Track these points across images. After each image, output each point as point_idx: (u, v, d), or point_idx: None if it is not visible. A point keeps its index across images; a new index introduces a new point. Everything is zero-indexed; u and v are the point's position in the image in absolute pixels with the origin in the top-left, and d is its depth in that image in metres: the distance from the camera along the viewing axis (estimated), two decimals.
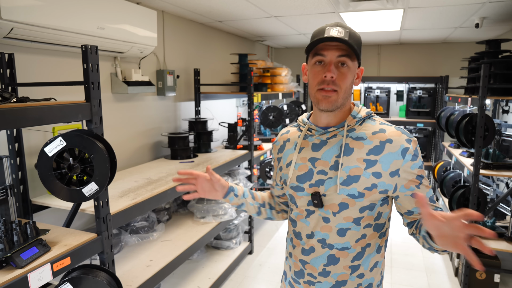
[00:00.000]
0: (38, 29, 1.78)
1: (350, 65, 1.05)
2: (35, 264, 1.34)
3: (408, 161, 1.05)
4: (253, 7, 2.91)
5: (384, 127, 1.09)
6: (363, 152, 1.07)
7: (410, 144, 1.05)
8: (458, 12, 3.07)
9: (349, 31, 1.04)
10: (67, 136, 1.45)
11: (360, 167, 1.06)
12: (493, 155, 2.95)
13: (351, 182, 1.07)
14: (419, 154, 1.08)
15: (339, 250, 1.12)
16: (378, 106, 5.32)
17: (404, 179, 1.07)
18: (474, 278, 2.90)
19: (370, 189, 1.06)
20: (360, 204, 1.08)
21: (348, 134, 1.10)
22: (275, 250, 3.66)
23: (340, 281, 1.13)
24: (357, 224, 1.10)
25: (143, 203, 1.96)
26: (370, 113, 1.14)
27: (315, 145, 1.15)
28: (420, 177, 1.07)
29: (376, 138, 1.07)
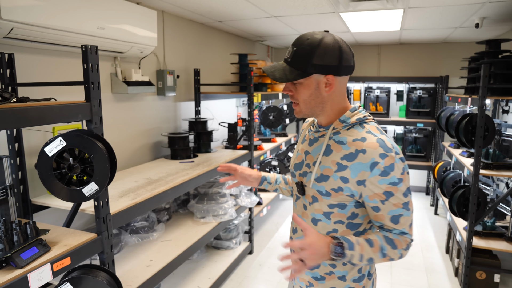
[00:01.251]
0: (38, 29, 1.78)
1: (303, 82, 1.12)
2: (35, 264, 1.34)
3: (376, 175, 1.06)
4: (253, 7, 2.91)
5: (366, 136, 1.10)
6: (338, 156, 1.12)
7: (383, 159, 1.05)
8: (458, 12, 3.07)
9: (296, 49, 1.10)
10: (67, 136, 1.45)
11: (331, 169, 1.13)
12: (493, 155, 2.95)
13: (321, 180, 1.15)
14: (392, 172, 1.06)
15: None
16: (378, 106, 5.32)
17: (369, 191, 1.08)
18: (474, 278, 2.90)
19: (336, 191, 1.12)
20: (328, 201, 1.16)
21: (332, 136, 1.17)
22: (275, 250, 3.66)
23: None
24: (327, 218, 1.18)
25: (143, 203, 1.96)
26: (363, 119, 1.16)
27: (311, 140, 1.26)
28: (389, 194, 1.07)
29: (353, 145, 1.10)
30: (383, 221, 1.11)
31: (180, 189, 2.31)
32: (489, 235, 2.97)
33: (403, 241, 1.11)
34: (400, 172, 1.07)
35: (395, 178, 1.06)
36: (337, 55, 1.09)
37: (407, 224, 1.11)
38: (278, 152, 4.87)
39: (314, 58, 1.08)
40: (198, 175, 2.52)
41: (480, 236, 2.97)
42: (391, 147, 1.08)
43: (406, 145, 5.27)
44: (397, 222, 1.09)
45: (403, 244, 1.11)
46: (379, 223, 1.12)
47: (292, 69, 1.11)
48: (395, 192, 1.07)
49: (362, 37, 4.63)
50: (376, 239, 1.10)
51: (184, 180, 2.35)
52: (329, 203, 1.15)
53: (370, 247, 1.08)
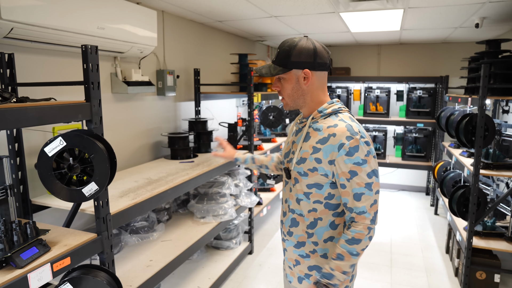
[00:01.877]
0: (38, 29, 1.78)
1: (285, 77, 1.34)
2: (35, 264, 1.34)
3: (342, 155, 1.23)
4: (253, 7, 2.91)
5: (338, 123, 1.28)
6: (314, 140, 1.31)
7: (348, 141, 1.23)
8: (458, 12, 3.07)
9: (279, 50, 1.32)
10: (67, 136, 1.45)
11: (308, 152, 1.32)
12: (493, 155, 2.95)
13: (300, 162, 1.34)
14: (356, 153, 1.22)
15: (298, 215, 1.40)
16: (378, 106, 5.32)
17: (338, 169, 1.26)
18: (474, 278, 2.90)
19: (312, 171, 1.30)
20: (306, 181, 1.33)
21: (311, 125, 1.36)
22: (275, 250, 3.66)
23: (300, 242, 1.40)
24: (307, 197, 1.35)
25: (143, 203, 1.96)
26: (338, 110, 1.35)
27: (296, 131, 1.45)
28: (353, 173, 1.24)
29: (327, 131, 1.28)
30: (348, 197, 1.27)
31: (180, 189, 2.31)
32: (489, 235, 2.97)
33: (363, 229, 1.25)
34: (364, 154, 1.24)
35: (359, 158, 1.23)
36: (312, 53, 1.30)
37: (368, 203, 1.25)
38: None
39: (292, 56, 1.30)
40: (198, 175, 2.52)
41: (480, 236, 2.97)
42: (357, 132, 1.25)
43: (406, 145, 5.27)
44: (359, 200, 1.25)
45: (364, 232, 1.25)
46: (345, 200, 1.28)
47: (276, 66, 1.33)
48: (359, 172, 1.23)
49: (362, 37, 4.63)
50: (343, 250, 1.27)
51: (184, 180, 2.35)
52: (307, 183, 1.33)
53: (342, 261, 1.27)
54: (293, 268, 1.46)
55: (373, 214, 1.27)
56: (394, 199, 5.30)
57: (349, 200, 1.26)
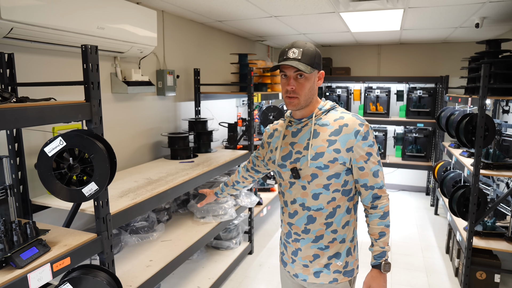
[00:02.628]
0: (38, 29, 1.78)
1: (307, 76, 1.38)
2: (35, 264, 1.34)
3: (360, 141, 1.37)
4: (253, 7, 2.91)
5: (343, 115, 1.42)
6: (326, 134, 1.40)
7: (362, 127, 1.38)
8: (458, 12, 3.07)
9: (303, 49, 1.36)
10: (67, 136, 1.44)
11: (324, 146, 1.39)
12: (493, 155, 2.94)
13: (318, 157, 1.39)
14: (369, 136, 1.39)
15: (315, 211, 1.44)
16: (378, 106, 5.32)
17: (356, 154, 1.38)
18: (474, 278, 2.90)
19: (332, 162, 1.38)
20: (326, 173, 1.39)
21: (315, 122, 1.44)
22: (275, 250, 3.66)
23: (318, 236, 1.45)
24: (327, 189, 1.41)
25: (143, 203, 1.96)
26: (334, 105, 1.48)
27: (293, 132, 1.49)
28: (369, 154, 1.39)
29: (336, 123, 1.40)
30: (368, 177, 1.41)
31: (180, 189, 2.31)
32: (489, 235, 2.97)
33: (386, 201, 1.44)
34: (372, 137, 1.41)
35: (371, 141, 1.40)
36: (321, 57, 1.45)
37: (383, 177, 1.44)
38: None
39: (316, 57, 1.39)
40: (198, 175, 2.51)
41: (480, 236, 2.97)
42: (363, 119, 1.41)
43: (406, 145, 5.27)
44: (377, 176, 1.41)
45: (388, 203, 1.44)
46: (364, 181, 1.42)
47: (305, 65, 1.36)
48: (373, 152, 1.40)
49: (362, 37, 4.63)
50: (381, 226, 1.43)
51: (184, 180, 2.35)
52: (328, 174, 1.39)
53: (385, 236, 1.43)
54: (310, 264, 1.48)
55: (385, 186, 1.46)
56: (394, 199, 5.30)
57: (369, 179, 1.41)
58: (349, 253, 1.49)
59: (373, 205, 1.44)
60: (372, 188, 1.42)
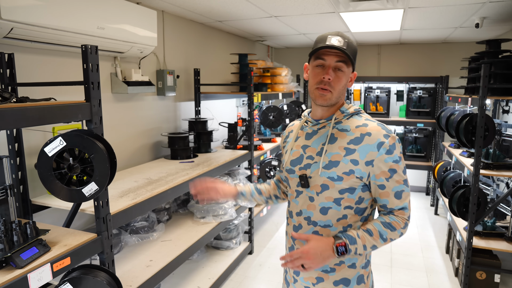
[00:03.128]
0: (38, 29, 1.78)
1: (345, 70, 1.22)
2: (35, 264, 1.34)
3: (382, 154, 1.18)
4: (253, 7, 2.91)
5: (367, 122, 1.23)
6: (344, 141, 1.22)
7: (387, 139, 1.18)
8: (458, 12, 3.07)
9: (348, 41, 1.21)
10: (67, 136, 1.44)
11: (340, 154, 1.21)
12: (493, 155, 2.94)
13: (331, 166, 1.21)
14: (395, 150, 1.19)
15: (322, 227, 1.26)
16: (378, 106, 5.32)
17: (377, 169, 1.19)
18: (474, 278, 2.90)
19: (348, 174, 1.20)
20: (339, 186, 1.21)
21: (335, 125, 1.27)
22: (275, 250, 3.66)
23: None
24: (338, 204, 1.23)
25: (143, 203, 1.96)
26: (359, 110, 1.29)
27: (308, 134, 1.32)
28: (393, 171, 1.19)
29: (358, 131, 1.22)
30: (388, 197, 1.21)
31: (180, 189, 2.31)
32: (489, 235, 2.97)
33: (400, 221, 1.21)
34: (399, 151, 1.21)
35: (397, 156, 1.20)
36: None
37: (408, 199, 1.22)
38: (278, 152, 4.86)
39: (356, 54, 1.25)
40: (198, 175, 2.52)
41: (480, 236, 2.97)
42: (390, 130, 1.22)
43: (406, 145, 5.27)
44: (400, 197, 1.21)
45: (401, 224, 1.21)
46: (383, 201, 1.22)
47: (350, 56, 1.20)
48: (398, 169, 1.20)
49: (362, 37, 4.63)
50: (374, 227, 1.21)
51: (184, 180, 2.35)
52: (341, 187, 1.21)
53: (370, 236, 1.19)
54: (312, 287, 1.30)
55: (410, 211, 1.24)
56: None
57: (389, 201, 1.21)
58: (360, 281, 1.28)
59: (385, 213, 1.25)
60: (392, 210, 1.23)
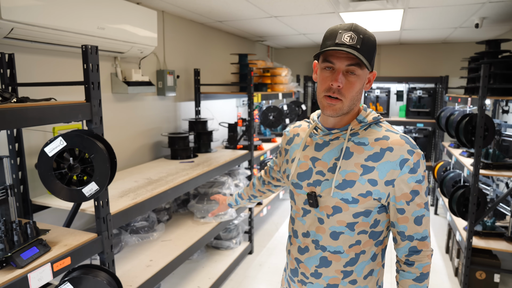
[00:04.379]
0: (38, 29, 1.78)
1: (360, 73, 1.02)
2: (35, 264, 1.34)
3: (405, 173, 1.02)
4: (253, 7, 2.91)
5: (388, 134, 1.06)
6: (362, 157, 1.05)
7: (412, 156, 1.02)
8: (458, 12, 3.07)
9: (363, 37, 0.99)
10: (67, 136, 1.45)
11: (356, 172, 1.04)
12: (493, 155, 2.95)
13: (346, 186, 1.05)
14: (419, 168, 1.03)
15: (331, 253, 1.11)
16: (378, 106, 5.32)
17: (398, 190, 1.04)
18: (474, 278, 2.90)
19: (364, 196, 1.04)
20: (354, 209, 1.06)
21: (350, 138, 1.08)
22: (275, 250, 3.67)
23: (332, 284, 1.13)
24: (351, 229, 1.08)
25: (143, 203, 1.96)
26: (378, 118, 1.11)
27: (318, 145, 1.14)
28: (415, 193, 1.04)
29: (377, 145, 1.05)
30: (407, 223, 1.06)
31: (180, 189, 2.31)
32: (489, 235, 2.97)
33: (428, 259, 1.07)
34: (423, 170, 1.05)
35: (420, 175, 1.04)
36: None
37: (428, 225, 1.07)
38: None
39: (374, 51, 1.03)
40: (198, 175, 2.52)
41: (480, 236, 2.97)
42: (415, 144, 1.05)
43: None
44: (420, 224, 1.06)
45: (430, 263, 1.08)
46: (402, 228, 1.07)
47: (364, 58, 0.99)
48: (421, 191, 1.05)
49: None
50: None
51: (184, 180, 2.36)
52: (356, 211, 1.06)
53: None
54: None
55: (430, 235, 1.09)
56: None
57: (409, 227, 1.06)
58: None
59: (408, 261, 1.08)
60: (411, 239, 1.06)
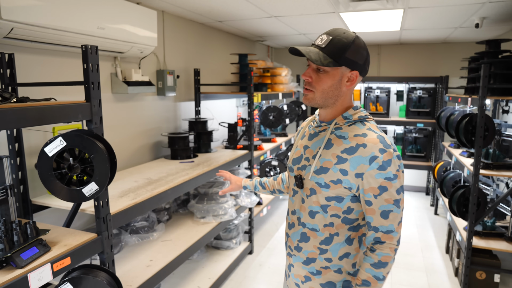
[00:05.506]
0: (38, 29, 1.78)
1: (328, 70, 1.16)
2: (35, 264, 1.34)
3: (374, 169, 1.12)
4: (253, 7, 2.91)
5: (367, 132, 1.17)
6: (339, 149, 1.18)
7: (382, 154, 1.12)
8: (458, 12, 3.07)
9: (333, 38, 1.14)
10: (67, 136, 1.45)
11: (331, 161, 1.18)
12: (493, 155, 2.95)
13: (321, 172, 1.20)
14: (389, 167, 1.12)
15: (309, 230, 1.27)
16: (378, 106, 5.32)
17: (366, 184, 1.14)
18: (474, 278, 2.90)
19: (335, 183, 1.18)
20: (326, 193, 1.20)
21: (334, 131, 1.23)
22: (275, 250, 3.66)
23: (310, 258, 1.28)
24: (324, 211, 1.23)
25: (143, 203, 1.96)
26: (364, 118, 1.22)
27: (311, 135, 1.31)
28: (383, 188, 1.13)
29: (355, 140, 1.16)
30: (373, 215, 1.16)
31: (180, 189, 2.31)
32: (489, 235, 2.97)
33: (390, 252, 1.17)
34: (396, 169, 1.13)
35: (391, 173, 1.12)
36: (365, 56, 1.18)
37: (396, 221, 1.16)
38: (278, 152, 4.87)
39: (348, 52, 1.14)
40: (198, 175, 2.52)
41: (480, 236, 2.97)
42: (390, 144, 1.15)
43: (406, 145, 5.27)
44: (386, 218, 1.15)
45: (390, 255, 1.17)
46: (369, 218, 1.18)
47: (326, 56, 1.14)
48: (389, 187, 1.13)
49: (362, 37, 4.59)
50: (368, 275, 1.17)
51: (184, 180, 2.35)
52: (327, 195, 1.20)
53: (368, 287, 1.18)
54: (301, 285, 1.33)
55: (399, 234, 1.19)
56: None
57: (374, 219, 1.16)
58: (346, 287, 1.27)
59: (371, 248, 1.19)
60: (376, 230, 1.17)
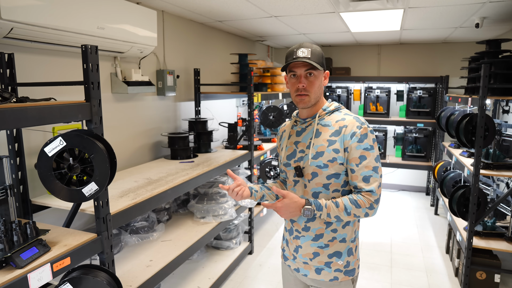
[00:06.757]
0: (38, 29, 1.78)
1: (316, 74, 1.44)
2: (35, 264, 1.34)
3: (355, 142, 1.39)
4: (253, 7, 2.91)
5: (345, 117, 1.46)
6: (327, 134, 1.44)
7: (359, 130, 1.40)
8: (458, 12, 3.07)
9: (311, 49, 1.42)
10: (67, 136, 1.44)
11: (324, 145, 1.44)
12: (493, 155, 2.94)
13: (318, 156, 1.44)
14: (366, 139, 1.39)
15: None
16: (378, 106, 5.32)
17: (349, 155, 1.41)
18: (474, 278, 2.90)
19: (332, 161, 1.42)
20: (326, 172, 1.43)
21: (319, 122, 1.49)
22: (275, 250, 3.66)
23: (318, 234, 1.48)
24: (326, 188, 1.45)
25: (143, 203, 1.96)
26: (339, 107, 1.53)
27: (298, 132, 1.56)
28: (363, 157, 1.39)
29: (337, 125, 1.44)
30: (356, 180, 1.41)
31: (180, 189, 2.31)
32: (489, 235, 2.97)
33: (366, 201, 1.39)
34: (371, 141, 1.41)
35: (367, 144, 1.40)
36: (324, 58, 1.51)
37: (376, 184, 1.40)
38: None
39: (322, 57, 1.46)
40: (198, 175, 2.52)
41: (480, 236, 2.97)
42: (364, 122, 1.44)
43: (406, 145, 5.27)
44: (367, 182, 1.40)
45: (366, 204, 1.39)
46: (353, 183, 1.42)
47: (315, 62, 1.41)
48: (368, 156, 1.39)
49: (362, 37, 4.63)
50: (342, 201, 1.40)
51: (184, 180, 2.35)
52: (328, 173, 1.43)
53: (336, 207, 1.39)
54: (310, 262, 1.51)
55: (378, 195, 1.41)
56: (394, 199, 5.30)
57: (358, 184, 1.40)
58: (350, 253, 1.51)
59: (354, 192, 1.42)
60: (360, 191, 1.41)
